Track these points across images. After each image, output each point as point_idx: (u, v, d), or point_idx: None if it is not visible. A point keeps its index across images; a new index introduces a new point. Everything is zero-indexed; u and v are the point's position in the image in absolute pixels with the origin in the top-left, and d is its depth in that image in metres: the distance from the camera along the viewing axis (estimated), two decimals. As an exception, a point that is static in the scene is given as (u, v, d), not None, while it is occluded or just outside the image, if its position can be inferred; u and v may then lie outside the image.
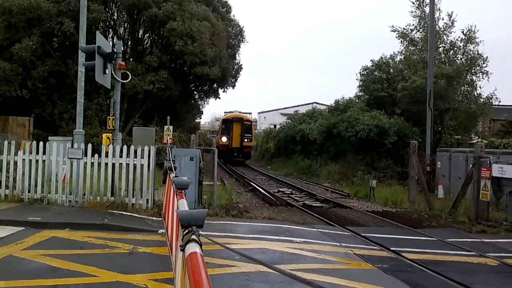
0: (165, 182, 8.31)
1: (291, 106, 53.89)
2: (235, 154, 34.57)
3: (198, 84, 29.28)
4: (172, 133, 18.41)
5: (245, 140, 34.72)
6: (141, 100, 23.98)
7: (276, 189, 18.62)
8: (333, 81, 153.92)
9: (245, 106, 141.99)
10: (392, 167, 21.15)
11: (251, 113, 50.69)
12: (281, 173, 27.93)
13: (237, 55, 32.73)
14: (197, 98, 34.22)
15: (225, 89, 31.83)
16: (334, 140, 23.86)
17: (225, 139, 34.48)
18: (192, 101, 33.56)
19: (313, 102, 50.55)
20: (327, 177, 22.78)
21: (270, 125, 52.75)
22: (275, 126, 48.51)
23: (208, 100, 35.27)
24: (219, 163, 27.25)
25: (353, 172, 21.31)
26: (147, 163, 9.74)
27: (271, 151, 37.96)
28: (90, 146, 9.88)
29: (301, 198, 16.10)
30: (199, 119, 49.44)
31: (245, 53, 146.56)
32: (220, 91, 31.38)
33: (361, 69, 26.48)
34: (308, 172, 26.18)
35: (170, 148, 10.56)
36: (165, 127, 18.27)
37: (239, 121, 35.32)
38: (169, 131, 18.28)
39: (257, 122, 64.16)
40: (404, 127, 21.66)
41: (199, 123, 54.67)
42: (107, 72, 9.86)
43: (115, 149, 9.88)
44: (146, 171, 9.72)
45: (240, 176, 24.15)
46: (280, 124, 42.81)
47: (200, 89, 31.15)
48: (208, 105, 42.75)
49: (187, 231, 2.42)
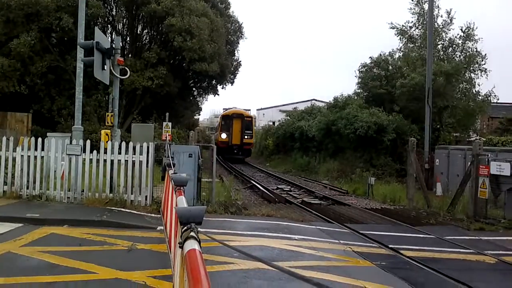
0: (163, 178, 8.29)
1: (290, 103, 53.83)
2: (235, 151, 33.22)
3: (197, 80, 29.23)
4: (170, 130, 18.38)
5: (246, 137, 33.25)
6: (139, 96, 23.97)
7: (274, 186, 18.63)
8: (332, 78, 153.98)
9: (243, 102, 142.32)
10: (390, 165, 21.19)
11: (250, 110, 50.70)
12: (279, 170, 27.92)
13: (236, 52, 32.72)
14: (196, 94, 34.13)
15: (224, 86, 31.83)
16: (332, 137, 23.86)
17: (224, 135, 33.08)
18: (191, 98, 33.50)
19: (312, 99, 50.44)
20: (325, 174, 22.79)
21: (268, 122, 52.70)
22: (274, 123, 48.47)
23: (207, 96, 35.17)
24: (218, 160, 27.31)
25: (351, 169, 21.31)
26: (145, 160, 9.73)
27: (270, 148, 37.89)
28: (88, 142, 9.86)
29: (299, 195, 16.11)
30: (198, 115, 49.55)
31: (244, 49, 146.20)
32: (219, 87, 31.40)
33: (360, 66, 26.58)
34: (306, 169, 26.18)
35: (169, 144, 10.52)
36: (164, 124, 18.22)
37: (239, 117, 33.87)
38: (167, 127, 18.23)
39: (256, 118, 64.03)
40: (402, 124, 21.66)
41: (198, 120, 54.71)
42: (105, 68, 9.81)
43: (113, 146, 9.86)
44: (144, 168, 9.71)
45: (239, 173, 24.14)
46: (279, 121, 42.58)
47: (199, 85, 31.08)
48: (207, 101, 42.52)
49: (185, 228, 2.42)
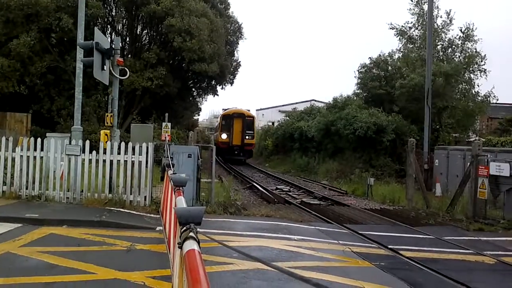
0: (163, 179, 8.28)
1: (289, 103, 53.86)
2: (236, 152, 31.85)
3: (196, 81, 29.23)
4: (170, 130, 18.38)
5: (247, 137, 31.80)
6: (139, 96, 23.98)
7: (274, 187, 18.63)
8: (331, 79, 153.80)
9: (243, 103, 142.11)
10: (390, 165, 21.19)
11: (249, 110, 50.58)
12: (279, 170, 27.91)
13: (235, 52, 32.75)
14: (195, 95, 34.09)
15: (224, 86, 31.86)
16: (332, 137, 23.86)
17: (225, 136, 31.74)
18: (190, 98, 33.45)
19: (311, 99, 50.46)
20: (325, 174, 22.78)
21: (268, 122, 52.63)
22: (273, 123, 48.43)
23: (206, 97, 35.09)
24: (218, 161, 27.23)
25: (351, 169, 21.31)
26: (145, 160, 9.73)
27: (269, 149, 37.85)
28: (88, 142, 9.86)
29: (299, 195, 16.12)
30: (197, 116, 49.51)
31: (244, 50, 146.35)
32: (218, 88, 31.36)
33: (359, 66, 26.61)
34: (306, 169, 26.17)
35: (168, 145, 10.52)
36: (163, 124, 18.21)
37: (240, 116, 32.35)
38: (167, 128, 18.23)
39: (256, 119, 63.96)
40: (402, 124, 21.67)
41: (197, 120, 54.67)
42: (105, 68, 9.82)
43: (113, 146, 9.85)
44: (144, 168, 9.71)
45: (238, 173, 24.14)
46: (278, 121, 42.54)
47: (198, 86, 31.06)
48: (206, 102, 42.72)
49: (185, 228, 2.42)
